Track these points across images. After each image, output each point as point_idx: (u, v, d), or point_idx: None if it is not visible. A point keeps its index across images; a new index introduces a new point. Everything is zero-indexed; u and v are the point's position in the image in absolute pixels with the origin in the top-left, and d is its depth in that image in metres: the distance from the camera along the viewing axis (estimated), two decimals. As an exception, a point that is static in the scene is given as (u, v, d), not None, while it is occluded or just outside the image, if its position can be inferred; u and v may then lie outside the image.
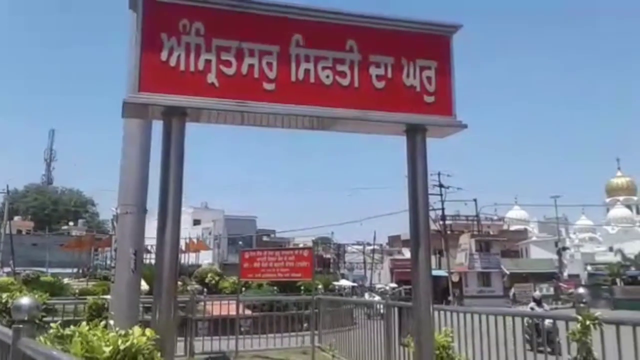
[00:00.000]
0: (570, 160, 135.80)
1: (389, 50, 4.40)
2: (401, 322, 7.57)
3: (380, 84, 4.39)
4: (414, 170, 4.33)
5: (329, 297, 14.81)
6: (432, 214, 51.49)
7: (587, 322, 4.15)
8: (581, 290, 4.97)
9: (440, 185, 49.56)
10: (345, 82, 4.29)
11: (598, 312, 4.28)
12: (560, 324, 4.77)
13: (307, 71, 4.16)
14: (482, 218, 62.32)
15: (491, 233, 64.59)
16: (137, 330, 3.33)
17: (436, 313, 6.66)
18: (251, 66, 4.00)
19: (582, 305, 4.25)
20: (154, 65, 3.67)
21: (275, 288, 20.13)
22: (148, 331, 3.33)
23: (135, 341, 3.23)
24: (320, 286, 20.47)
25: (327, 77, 4.22)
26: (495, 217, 72.92)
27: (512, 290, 50.93)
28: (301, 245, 35.44)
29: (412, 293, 3.65)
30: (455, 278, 47.77)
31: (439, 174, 49.31)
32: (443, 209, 50.34)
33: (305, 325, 12.79)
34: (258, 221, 61.95)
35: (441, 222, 50.89)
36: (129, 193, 5.78)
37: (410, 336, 4.93)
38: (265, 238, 60.88)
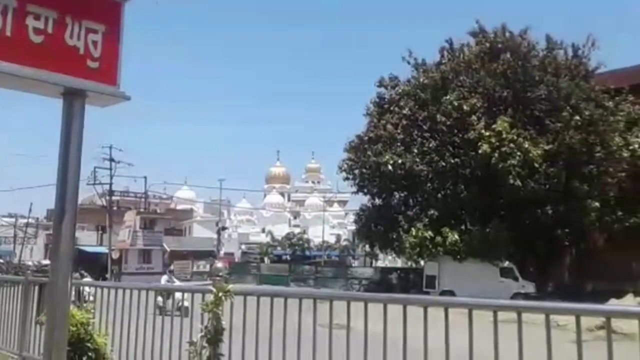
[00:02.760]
0: (239, 148, 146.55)
1: (52, 3, 3.98)
2: (41, 299, 7.09)
3: (38, 39, 3.93)
4: (68, 138, 4.02)
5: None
6: (99, 189, 49.22)
7: (220, 294, 4.57)
8: (219, 264, 5.46)
9: (111, 160, 47.58)
10: (-6, 28, 3.73)
11: (230, 285, 4.75)
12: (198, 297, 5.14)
13: (-56, 7, 3.48)
14: (151, 196, 62.38)
15: (158, 211, 65.20)
16: None
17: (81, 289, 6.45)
18: None
19: (217, 278, 4.67)
20: None
21: None
22: None
23: None
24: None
25: (-28, 19, 3.61)
26: (165, 196, 73.86)
27: (172, 267, 52.42)
28: None
29: (50, 268, 3.42)
30: (115, 255, 46.70)
31: (110, 147, 47.31)
32: (111, 184, 48.59)
33: None
34: None
35: (108, 198, 49.05)
36: None
37: (45, 313, 4.62)
38: None
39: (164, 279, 21.78)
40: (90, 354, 5.51)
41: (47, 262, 46.49)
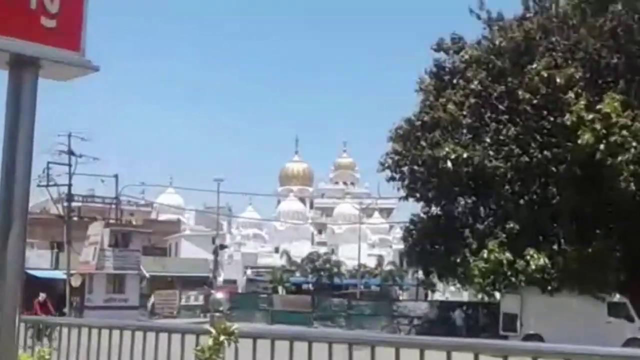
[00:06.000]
0: (241, 141, 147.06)
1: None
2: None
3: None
4: (15, 123, 4.06)
5: None
6: (54, 192, 49.45)
7: (221, 336, 4.57)
8: (219, 295, 5.45)
9: (70, 153, 47.15)
10: None
11: (236, 325, 4.75)
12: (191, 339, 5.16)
13: None
14: (124, 202, 62.95)
15: (134, 222, 65.71)
16: None
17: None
18: None
19: (218, 314, 4.69)
20: None
21: None
22: None
23: None
24: None
25: None
26: (143, 202, 74.41)
27: (152, 298, 52.79)
28: None
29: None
30: (76, 282, 46.99)
31: (69, 136, 47.03)
32: (70, 185, 48.59)
33: None
34: None
35: (66, 204, 49.23)
36: None
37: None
38: None
39: None
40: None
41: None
